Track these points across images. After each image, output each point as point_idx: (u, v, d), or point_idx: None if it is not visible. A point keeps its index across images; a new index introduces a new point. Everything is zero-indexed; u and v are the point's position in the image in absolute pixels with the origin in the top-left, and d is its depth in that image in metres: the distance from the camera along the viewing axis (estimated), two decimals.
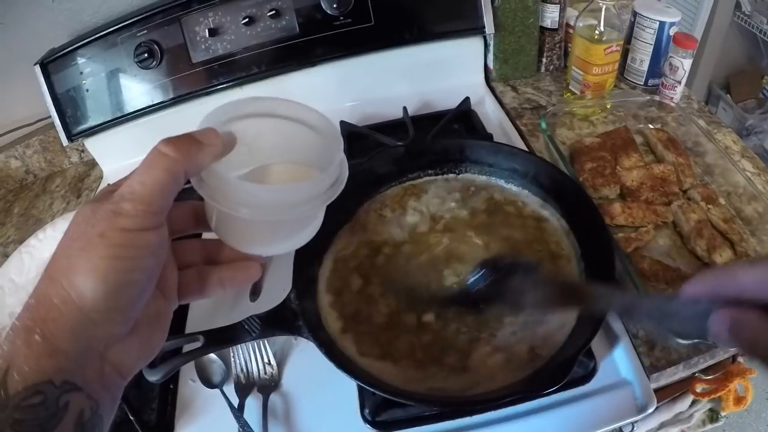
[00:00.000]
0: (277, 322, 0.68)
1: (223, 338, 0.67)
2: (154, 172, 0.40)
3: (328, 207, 0.49)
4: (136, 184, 0.39)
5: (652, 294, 0.77)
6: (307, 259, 0.77)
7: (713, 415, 1.26)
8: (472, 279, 0.67)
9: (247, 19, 1.10)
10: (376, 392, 0.64)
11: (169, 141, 0.41)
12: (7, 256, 0.96)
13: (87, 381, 0.38)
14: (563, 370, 0.62)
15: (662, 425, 1.16)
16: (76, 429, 0.37)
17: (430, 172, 0.93)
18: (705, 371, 0.92)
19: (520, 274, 0.64)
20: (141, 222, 0.39)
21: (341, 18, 1.14)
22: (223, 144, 0.43)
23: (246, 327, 0.67)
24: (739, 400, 1.01)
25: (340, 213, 0.86)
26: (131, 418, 0.78)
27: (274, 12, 1.11)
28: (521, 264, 0.67)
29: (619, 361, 0.77)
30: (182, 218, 0.49)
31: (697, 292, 0.44)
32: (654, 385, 0.77)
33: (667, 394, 1.05)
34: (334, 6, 1.12)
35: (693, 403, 1.16)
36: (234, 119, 0.47)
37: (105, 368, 0.40)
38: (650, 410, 0.73)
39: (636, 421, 0.78)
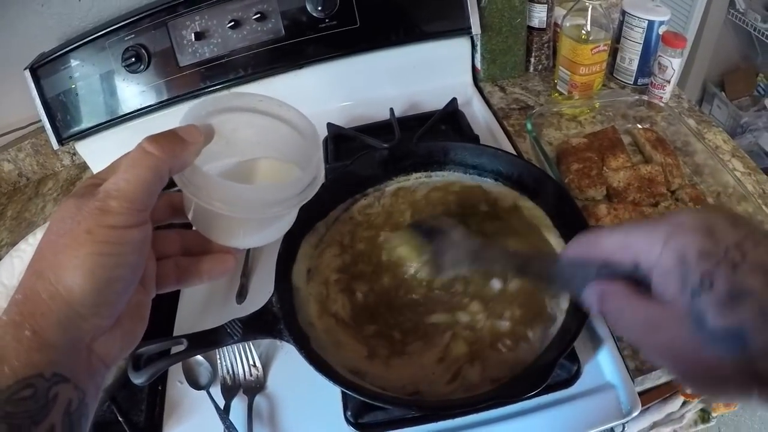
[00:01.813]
0: (259, 326, 0.68)
1: (205, 341, 0.67)
2: (140, 171, 0.40)
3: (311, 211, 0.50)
4: (122, 181, 0.40)
5: (539, 255, 0.76)
6: (289, 262, 0.78)
7: (705, 415, 1.27)
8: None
9: (232, 23, 1.10)
10: (355, 396, 0.64)
11: (154, 139, 0.42)
12: (0, 259, 0.97)
13: (74, 372, 0.39)
14: (543, 374, 0.62)
15: (654, 425, 1.17)
16: (65, 418, 0.38)
17: (414, 174, 0.93)
18: None
19: (442, 235, 0.68)
20: (127, 219, 0.40)
21: (327, 20, 1.14)
22: (204, 137, 0.45)
23: (228, 330, 0.67)
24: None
25: (320, 215, 0.86)
26: (120, 419, 0.79)
27: (259, 15, 1.11)
28: (441, 226, 0.70)
29: (603, 365, 0.76)
30: (160, 209, 0.49)
31: (572, 255, 0.47)
32: (639, 389, 0.77)
33: (658, 394, 1.05)
34: (319, 8, 1.12)
35: (684, 403, 1.16)
36: (213, 113, 0.48)
37: (91, 359, 0.41)
38: (634, 414, 0.72)
39: (625, 423, 0.78)
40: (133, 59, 1.11)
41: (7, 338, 0.37)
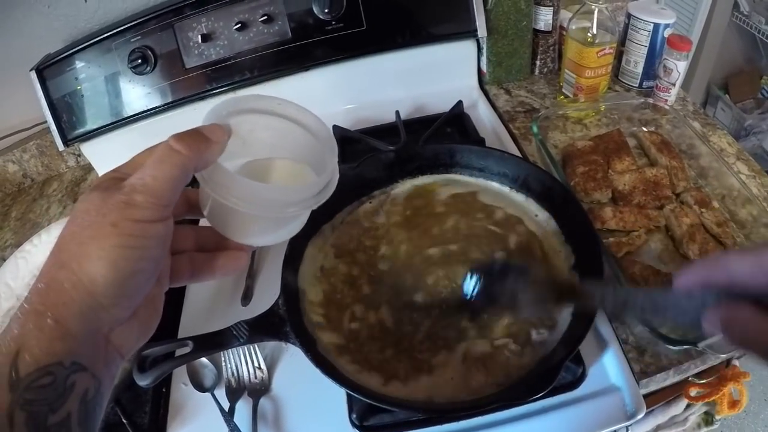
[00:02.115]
0: (265, 328, 0.68)
1: (211, 343, 0.67)
2: (166, 167, 0.42)
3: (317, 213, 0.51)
4: (148, 177, 0.41)
5: (645, 288, 0.76)
6: (296, 264, 0.78)
7: (708, 418, 1.26)
8: (466, 285, 0.68)
9: (239, 25, 1.11)
10: (361, 398, 0.64)
11: (180, 137, 0.43)
12: (4, 260, 0.97)
13: (92, 361, 0.40)
14: (549, 377, 0.62)
15: (658, 428, 1.16)
16: (81, 406, 0.39)
17: (420, 177, 0.93)
18: (699, 375, 0.92)
19: (511, 276, 0.65)
20: (152, 214, 0.41)
21: (333, 23, 1.14)
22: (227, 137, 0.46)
23: (234, 332, 0.67)
24: (733, 403, 1.01)
25: (326, 217, 0.87)
26: (124, 420, 0.79)
27: (266, 17, 1.11)
28: (512, 266, 0.68)
29: (608, 367, 0.76)
30: (176, 205, 0.49)
31: (689, 283, 0.44)
32: (644, 391, 0.77)
33: (662, 397, 1.04)
34: (326, 11, 1.12)
35: (688, 406, 1.16)
36: (233, 113, 0.49)
37: (108, 349, 0.42)
38: (639, 416, 0.72)
39: (629, 426, 0.78)
40: (140, 61, 1.11)
41: (30, 326, 0.38)
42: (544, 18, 1.25)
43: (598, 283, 0.58)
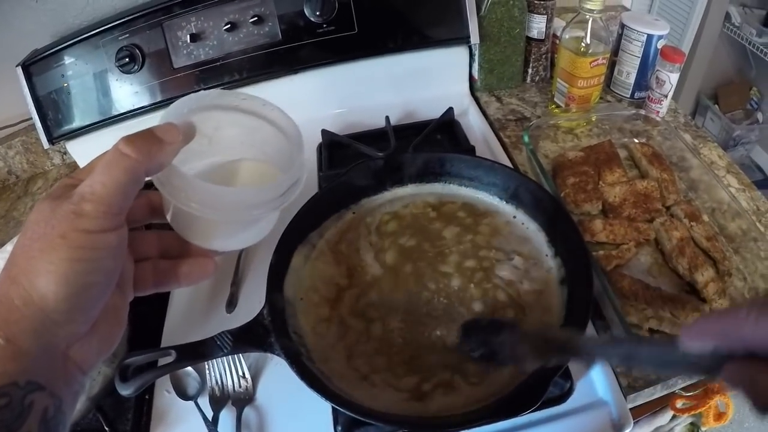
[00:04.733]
0: (249, 339, 0.67)
1: (195, 353, 0.66)
2: (115, 173, 0.39)
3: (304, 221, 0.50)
4: (97, 184, 0.39)
5: (648, 340, 0.73)
6: (281, 273, 0.77)
7: (694, 429, 1.26)
8: (461, 344, 0.70)
9: (229, 25, 1.10)
10: (345, 411, 0.63)
11: (129, 140, 0.40)
12: None
13: (50, 380, 0.39)
14: (537, 391, 0.61)
15: None
16: (41, 427, 0.37)
17: (410, 185, 0.92)
18: (685, 388, 0.92)
19: (502, 331, 0.65)
20: (102, 223, 0.39)
21: (324, 25, 1.13)
22: (183, 136, 0.43)
23: (218, 342, 0.66)
24: (719, 416, 1.01)
25: (313, 226, 0.85)
26: (106, 428, 0.78)
27: (256, 18, 1.10)
28: (500, 322, 0.70)
29: (596, 381, 0.76)
30: (138, 209, 0.48)
31: (700, 342, 0.41)
32: (631, 405, 0.77)
33: (648, 408, 1.05)
34: (317, 13, 1.11)
35: (673, 417, 1.16)
36: (196, 110, 0.47)
37: (67, 365, 0.40)
38: (627, 431, 0.72)
39: None
40: (127, 59, 1.09)
41: None
42: (538, 26, 1.24)
43: (598, 339, 0.57)
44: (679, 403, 0.99)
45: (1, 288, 0.38)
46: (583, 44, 1.10)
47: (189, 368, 0.81)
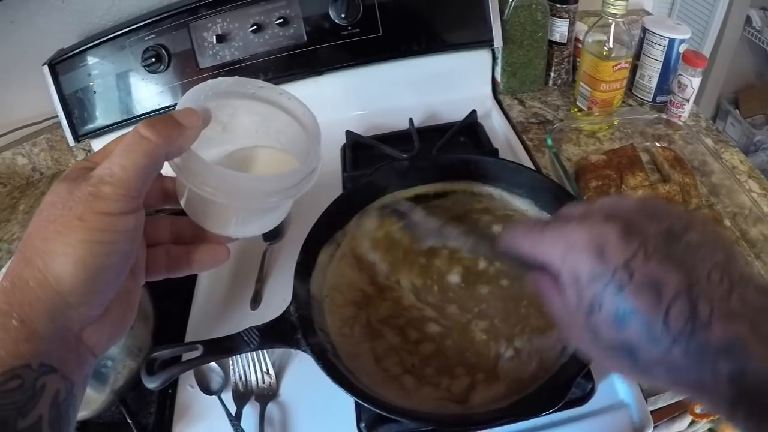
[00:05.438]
0: (276, 335, 0.68)
1: (221, 348, 0.67)
2: (135, 156, 0.39)
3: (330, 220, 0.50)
4: (116, 167, 0.39)
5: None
6: (308, 270, 0.77)
7: None
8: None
9: (255, 27, 1.11)
10: (371, 408, 0.63)
11: (150, 124, 0.40)
12: (11, 253, 0.96)
13: (63, 363, 0.39)
14: (560, 392, 0.62)
15: None
16: (52, 409, 0.37)
17: (433, 185, 0.91)
18: None
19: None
20: (120, 206, 0.39)
21: (349, 28, 1.14)
22: (201, 121, 0.43)
23: (245, 338, 0.67)
24: None
25: (339, 225, 0.85)
26: (129, 421, 0.79)
27: (282, 20, 1.11)
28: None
29: (617, 383, 0.76)
30: (151, 194, 0.48)
31: (506, 248, 0.49)
32: (651, 408, 0.77)
33: (667, 413, 1.04)
34: (343, 16, 1.12)
35: (692, 422, 1.15)
36: (212, 97, 0.47)
37: (80, 349, 0.41)
38: None
39: None
40: (153, 59, 1.11)
41: None
42: (560, 30, 1.24)
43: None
44: (698, 408, 0.98)
45: (15, 269, 0.38)
46: (605, 48, 1.10)
47: (213, 363, 0.82)
